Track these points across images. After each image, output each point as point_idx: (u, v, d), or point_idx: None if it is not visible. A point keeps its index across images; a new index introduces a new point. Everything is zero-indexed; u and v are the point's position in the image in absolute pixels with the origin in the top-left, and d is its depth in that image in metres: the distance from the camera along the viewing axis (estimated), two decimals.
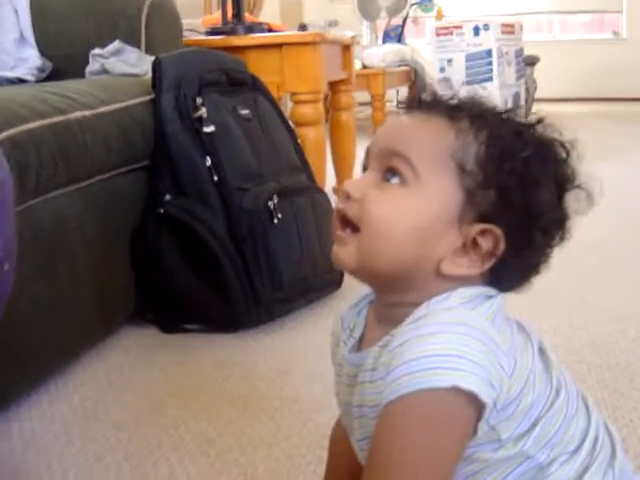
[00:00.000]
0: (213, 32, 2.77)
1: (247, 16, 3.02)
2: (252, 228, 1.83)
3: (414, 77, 6.17)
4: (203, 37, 2.79)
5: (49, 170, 1.53)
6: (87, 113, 1.68)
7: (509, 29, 4.63)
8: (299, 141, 2.22)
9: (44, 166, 1.52)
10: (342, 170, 3.24)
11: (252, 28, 2.76)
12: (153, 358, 1.75)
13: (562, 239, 0.80)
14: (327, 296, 2.06)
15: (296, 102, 2.57)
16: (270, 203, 1.86)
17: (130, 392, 1.59)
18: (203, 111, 1.88)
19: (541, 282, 0.82)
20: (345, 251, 0.79)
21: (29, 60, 2.27)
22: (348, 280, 2.11)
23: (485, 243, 0.77)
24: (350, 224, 0.79)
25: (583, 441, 0.81)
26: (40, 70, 2.28)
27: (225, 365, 1.69)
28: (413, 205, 0.76)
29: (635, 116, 6.75)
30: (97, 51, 2.20)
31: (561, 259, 0.82)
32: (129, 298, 1.91)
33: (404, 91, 6.82)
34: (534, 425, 0.77)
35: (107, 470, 1.30)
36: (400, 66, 5.93)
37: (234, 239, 1.83)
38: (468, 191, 0.76)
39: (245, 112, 2.00)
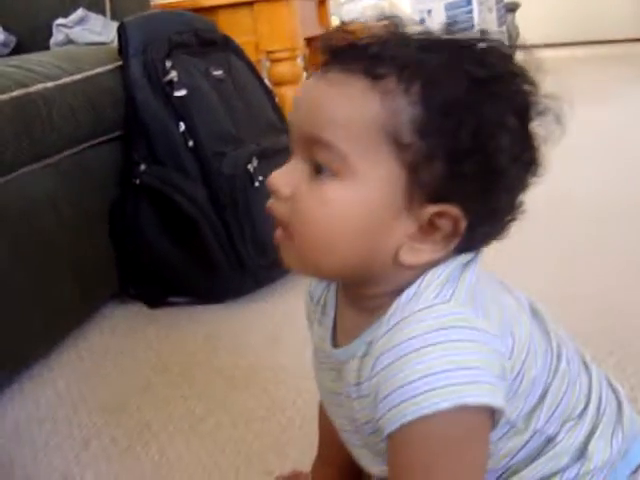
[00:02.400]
0: None
1: None
2: (233, 193, 1.76)
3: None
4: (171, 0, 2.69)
5: (13, 147, 1.45)
6: (50, 85, 1.60)
7: None
8: (277, 100, 2.14)
9: (7, 144, 1.44)
10: None
11: None
12: (139, 335, 1.69)
13: (535, 175, 0.68)
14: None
15: (273, 61, 2.49)
16: (250, 166, 1.78)
17: (116, 372, 1.53)
18: (173, 75, 1.79)
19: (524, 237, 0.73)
20: (287, 255, 0.70)
21: None
22: None
23: (444, 224, 0.66)
24: (283, 224, 0.69)
25: (588, 403, 0.75)
26: (3, 45, 2.19)
27: (213, 337, 1.63)
28: (350, 197, 0.65)
29: (619, 58, 6.66)
30: (60, 21, 2.13)
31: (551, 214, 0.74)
32: (111, 275, 1.84)
33: None
34: (543, 398, 0.71)
35: (95, 457, 1.25)
36: (379, 21, 5.83)
37: (215, 206, 1.75)
38: (411, 168, 0.63)
39: (218, 73, 1.92)
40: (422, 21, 5.20)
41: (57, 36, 2.10)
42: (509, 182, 0.66)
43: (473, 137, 0.63)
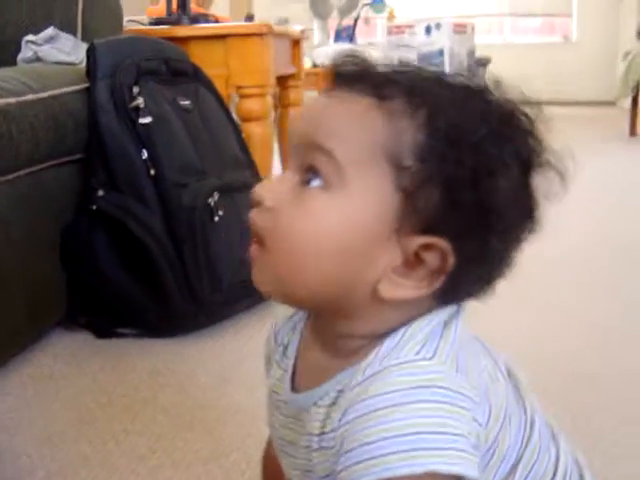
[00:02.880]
0: (156, 22, 2.65)
1: (194, 7, 2.91)
2: (191, 226, 1.72)
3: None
4: (145, 27, 2.67)
5: None
6: (12, 100, 1.55)
7: (461, 29, 4.60)
8: (243, 136, 2.11)
9: None
10: None
11: (197, 19, 2.65)
12: (84, 365, 1.64)
13: (531, 232, 0.65)
14: (270, 299, 1.94)
15: (242, 96, 2.46)
16: (210, 200, 1.75)
17: (58, 402, 1.47)
18: (140, 101, 1.76)
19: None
20: (260, 273, 0.66)
21: None
22: None
23: (431, 259, 0.62)
24: (259, 240, 0.65)
25: (555, 473, 0.71)
26: None
27: (160, 373, 1.58)
28: (335, 214, 0.61)
29: (587, 119, 6.76)
30: (30, 37, 2.08)
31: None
32: (60, 301, 1.78)
33: None
34: (514, 468, 0.67)
35: None
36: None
37: (172, 238, 1.71)
38: (406, 193, 0.60)
39: (185, 103, 1.89)
40: None
41: (25, 52, 2.06)
42: (502, 227, 0.63)
43: (473, 171, 0.60)
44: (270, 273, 0.65)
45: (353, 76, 0.65)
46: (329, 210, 0.62)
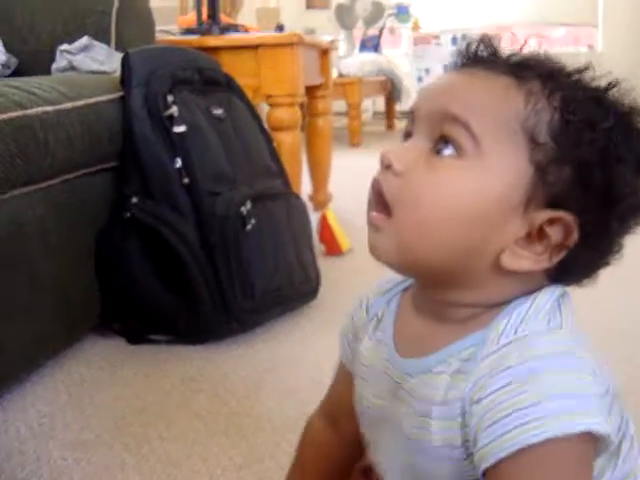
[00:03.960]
0: (187, 32, 2.68)
1: (223, 17, 2.93)
2: (223, 234, 1.73)
3: (390, 87, 6.15)
4: (177, 37, 2.69)
5: (5, 169, 1.42)
6: (49, 109, 1.57)
7: None
8: (274, 145, 2.12)
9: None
10: (318, 177, 3.16)
11: (227, 29, 2.67)
12: (117, 371, 1.65)
13: (637, 225, 0.69)
14: (302, 306, 1.96)
15: (272, 105, 2.48)
16: (243, 209, 1.76)
17: (91, 407, 1.48)
18: (174, 110, 1.77)
19: None
20: (382, 240, 0.67)
21: None
22: (325, 290, 2.02)
23: (554, 233, 0.65)
24: (385, 207, 0.66)
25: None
26: (4, 66, 2.17)
27: (193, 379, 1.59)
28: (470, 183, 0.64)
29: None
30: (65, 47, 2.10)
31: None
32: (93, 306, 1.80)
33: (380, 101, 6.78)
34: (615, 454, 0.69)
35: None
36: (377, 76, 5.89)
37: (204, 246, 1.72)
38: (539, 167, 0.64)
39: (218, 112, 1.90)
40: (420, 79, 5.24)
41: (60, 61, 2.08)
42: (622, 211, 0.66)
43: (603, 153, 0.64)
44: (395, 240, 0.66)
45: (487, 58, 0.69)
46: (463, 179, 0.64)
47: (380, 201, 0.67)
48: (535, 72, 0.66)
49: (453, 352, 0.68)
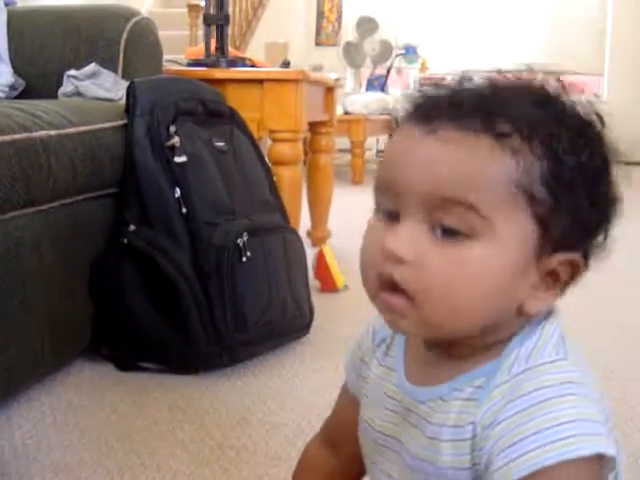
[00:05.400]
0: (195, 64, 2.70)
1: (231, 51, 2.96)
2: (219, 265, 1.74)
3: (395, 127, 6.17)
4: (184, 68, 2.72)
5: (7, 190, 1.44)
6: (53, 133, 1.59)
7: None
8: (275, 179, 2.14)
9: (1, 186, 1.42)
10: (317, 214, 3.17)
11: (235, 62, 2.69)
12: (104, 396, 1.65)
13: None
14: (294, 341, 1.96)
15: (275, 140, 2.50)
16: (239, 240, 1.77)
17: (77, 432, 1.48)
18: (176, 140, 1.79)
19: None
20: (407, 323, 0.67)
21: (0, 77, 2.19)
22: (318, 325, 2.03)
23: (564, 272, 0.68)
24: (402, 292, 0.66)
25: None
26: (12, 88, 2.20)
27: (180, 409, 1.59)
28: (494, 261, 0.64)
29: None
30: (72, 72, 2.13)
31: None
32: (84, 331, 1.81)
33: (384, 140, 6.80)
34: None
35: None
36: (382, 115, 5.92)
37: (199, 275, 1.73)
38: (542, 221, 0.65)
39: (220, 144, 1.92)
40: None
41: (66, 86, 2.11)
42: (611, 225, 0.70)
43: (591, 192, 0.66)
44: (422, 323, 0.67)
45: (454, 110, 0.65)
46: (483, 256, 0.64)
47: (393, 289, 0.66)
48: (506, 118, 0.64)
49: (465, 381, 0.70)
